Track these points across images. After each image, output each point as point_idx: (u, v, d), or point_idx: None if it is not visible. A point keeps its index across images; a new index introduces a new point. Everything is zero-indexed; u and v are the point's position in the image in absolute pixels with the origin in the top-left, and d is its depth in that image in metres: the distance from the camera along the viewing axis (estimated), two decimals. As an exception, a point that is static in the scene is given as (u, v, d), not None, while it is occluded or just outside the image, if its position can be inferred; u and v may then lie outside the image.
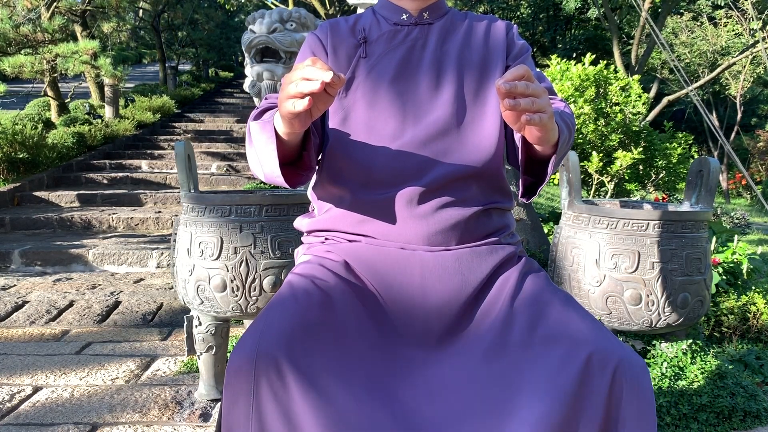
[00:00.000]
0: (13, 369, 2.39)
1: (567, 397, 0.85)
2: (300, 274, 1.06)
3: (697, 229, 1.95)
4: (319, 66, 0.85)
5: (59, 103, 8.91)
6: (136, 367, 2.43)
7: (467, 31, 1.22)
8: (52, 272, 4.21)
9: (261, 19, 3.28)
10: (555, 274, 2.11)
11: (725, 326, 2.57)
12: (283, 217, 1.91)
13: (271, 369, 0.85)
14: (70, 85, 11.50)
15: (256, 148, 1.03)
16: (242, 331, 2.83)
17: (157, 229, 5.19)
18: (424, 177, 1.10)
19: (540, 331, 0.96)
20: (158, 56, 15.55)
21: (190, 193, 1.95)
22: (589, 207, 2.02)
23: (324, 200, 1.19)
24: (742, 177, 15.39)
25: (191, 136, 9.30)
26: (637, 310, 1.92)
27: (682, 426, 1.80)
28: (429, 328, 1.04)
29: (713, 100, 17.98)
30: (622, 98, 5.63)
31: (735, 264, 3.00)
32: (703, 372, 1.93)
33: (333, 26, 1.23)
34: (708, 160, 2.04)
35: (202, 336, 2.02)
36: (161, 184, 6.80)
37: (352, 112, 1.15)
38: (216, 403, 2.07)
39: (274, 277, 1.88)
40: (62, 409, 2.02)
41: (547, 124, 0.89)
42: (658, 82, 16.84)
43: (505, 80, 0.84)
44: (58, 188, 6.45)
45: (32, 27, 7.14)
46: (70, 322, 3.07)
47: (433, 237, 1.08)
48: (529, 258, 1.18)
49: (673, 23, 16.64)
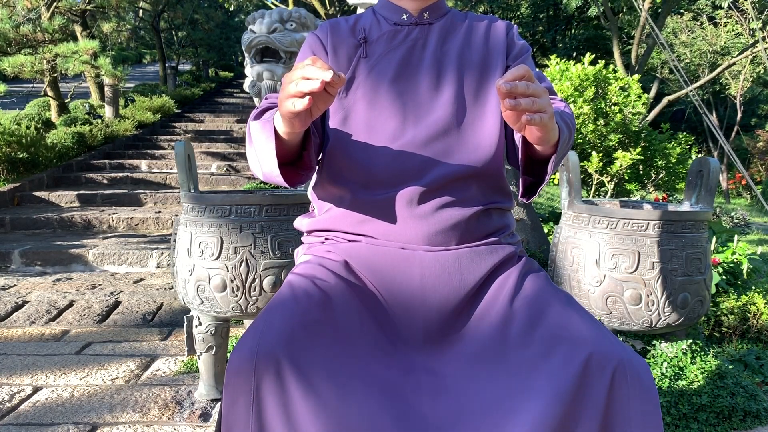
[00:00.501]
0: (13, 369, 2.39)
1: (566, 397, 0.85)
2: (300, 274, 1.06)
3: (697, 229, 1.95)
4: (319, 65, 0.85)
5: (59, 103, 8.91)
6: (136, 367, 2.43)
7: (467, 31, 1.22)
8: (52, 272, 4.21)
9: (261, 19, 3.28)
10: (555, 274, 2.11)
11: (725, 326, 2.57)
12: (283, 217, 1.91)
13: (271, 369, 0.85)
14: (70, 85, 11.50)
15: (256, 147, 1.03)
16: (242, 331, 2.83)
17: (157, 229, 5.19)
18: (424, 177, 1.10)
19: (540, 331, 0.96)
20: (158, 56, 15.55)
21: (190, 193, 1.95)
22: (589, 207, 2.02)
23: (324, 200, 1.19)
24: (742, 177, 15.40)
25: (191, 136, 9.30)
26: (637, 310, 1.92)
27: (682, 426, 1.80)
28: (429, 327, 1.04)
29: (713, 100, 17.98)
30: (622, 98, 5.63)
31: (735, 264, 3.00)
32: (703, 372, 1.93)
33: (333, 26, 1.23)
34: (708, 160, 2.04)
35: (202, 336, 2.02)
36: (161, 184, 6.80)
37: (353, 112, 1.15)
38: (216, 403, 2.07)
39: (274, 277, 1.88)
40: (62, 409, 2.02)
41: (547, 124, 0.89)
42: (658, 82, 16.84)
43: (506, 80, 0.84)
44: (58, 188, 6.45)
45: (32, 27, 7.13)
46: (70, 322, 3.07)
47: (433, 237, 1.08)
48: (529, 258, 1.18)
49: (673, 23, 16.64)
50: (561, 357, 0.90)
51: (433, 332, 1.04)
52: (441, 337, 1.04)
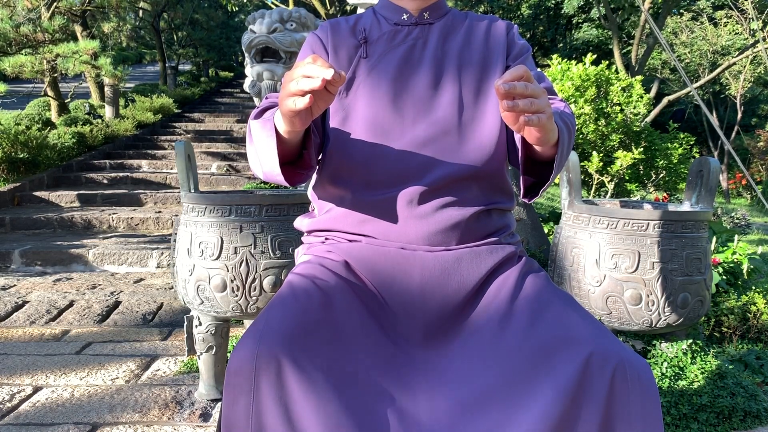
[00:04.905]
0: (13, 369, 2.39)
1: (566, 396, 0.85)
2: (300, 274, 1.06)
3: (698, 229, 1.95)
4: (320, 63, 0.85)
5: (59, 103, 8.91)
6: (136, 367, 2.43)
7: (468, 31, 1.22)
8: (52, 272, 4.21)
9: (261, 19, 3.28)
10: (555, 274, 2.11)
11: (725, 326, 2.57)
12: (284, 217, 1.91)
13: (271, 369, 0.85)
14: (70, 85, 11.51)
15: (256, 146, 1.03)
16: (242, 331, 2.83)
17: (157, 229, 5.19)
18: (424, 177, 1.10)
19: (540, 331, 0.96)
20: (158, 56, 15.55)
21: (191, 193, 1.96)
22: (589, 207, 2.02)
23: (324, 200, 1.19)
24: (743, 177, 15.40)
25: (191, 136, 9.30)
26: (637, 310, 1.92)
27: (682, 426, 1.80)
28: (429, 327, 1.04)
29: (713, 100, 17.97)
30: (623, 98, 5.63)
31: (735, 264, 3.00)
32: (703, 372, 1.93)
33: (333, 26, 1.23)
34: (708, 160, 2.04)
35: (202, 336, 2.02)
36: (161, 184, 6.80)
37: (353, 112, 1.15)
38: (216, 403, 2.07)
39: (274, 277, 1.88)
40: (62, 409, 2.02)
41: (546, 125, 0.88)
42: (658, 82, 16.84)
43: (504, 81, 0.84)
44: (58, 188, 6.46)
45: (32, 27, 7.14)
46: (70, 322, 3.07)
47: (434, 237, 1.08)
48: (529, 258, 1.17)
49: (673, 23, 16.64)
50: (561, 357, 0.90)
51: (433, 332, 1.04)
52: (441, 336, 1.04)
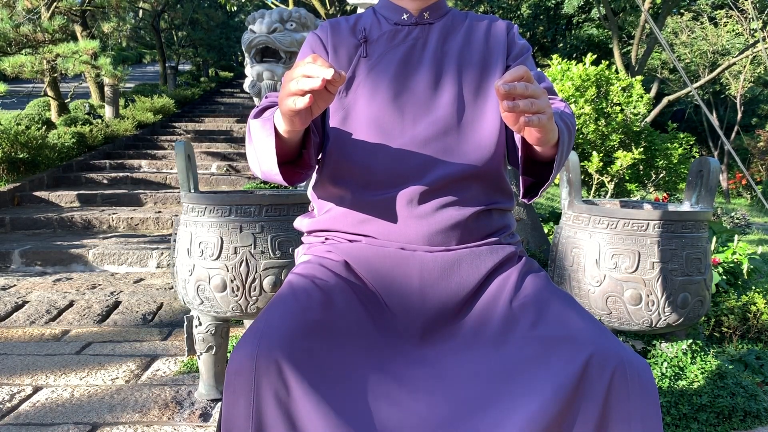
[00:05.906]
0: (13, 369, 2.39)
1: (565, 395, 0.85)
2: (300, 274, 1.06)
3: (697, 229, 1.94)
4: (320, 63, 0.85)
5: (59, 103, 8.91)
6: (136, 367, 2.43)
7: (468, 30, 1.22)
8: (52, 272, 4.21)
9: (261, 19, 3.28)
10: (555, 274, 2.11)
11: (725, 326, 2.57)
12: (283, 217, 1.91)
13: (271, 369, 0.85)
14: (70, 85, 11.51)
15: (256, 145, 1.03)
16: (242, 331, 2.83)
17: (157, 229, 5.19)
18: (424, 177, 1.10)
19: (540, 331, 0.96)
20: (158, 56, 15.55)
21: (191, 193, 1.95)
22: (589, 207, 2.02)
23: (324, 200, 1.19)
24: (743, 177, 15.40)
25: (191, 136, 9.30)
26: (637, 310, 1.92)
27: (682, 426, 1.80)
28: (428, 327, 1.04)
29: (713, 100, 17.97)
30: (624, 98, 5.63)
31: (735, 264, 3.00)
32: (703, 372, 1.93)
33: (334, 26, 1.23)
34: (708, 160, 2.04)
35: (202, 336, 2.02)
36: (161, 184, 6.80)
37: (353, 112, 1.15)
38: (216, 403, 2.07)
39: (274, 277, 1.88)
40: (62, 409, 2.02)
41: (546, 125, 0.88)
42: (658, 82, 16.83)
43: (504, 81, 0.84)
44: (58, 188, 6.45)
45: (32, 27, 7.13)
46: (70, 322, 3.07)
47: (434, 237, 1.08)
48: (529, 258, 1.17)
49: (673, 23, 16.64)
50: (561, 357, 0.90)
51: (432, 332, 1.04)
52: (441, 336, 1.04)
